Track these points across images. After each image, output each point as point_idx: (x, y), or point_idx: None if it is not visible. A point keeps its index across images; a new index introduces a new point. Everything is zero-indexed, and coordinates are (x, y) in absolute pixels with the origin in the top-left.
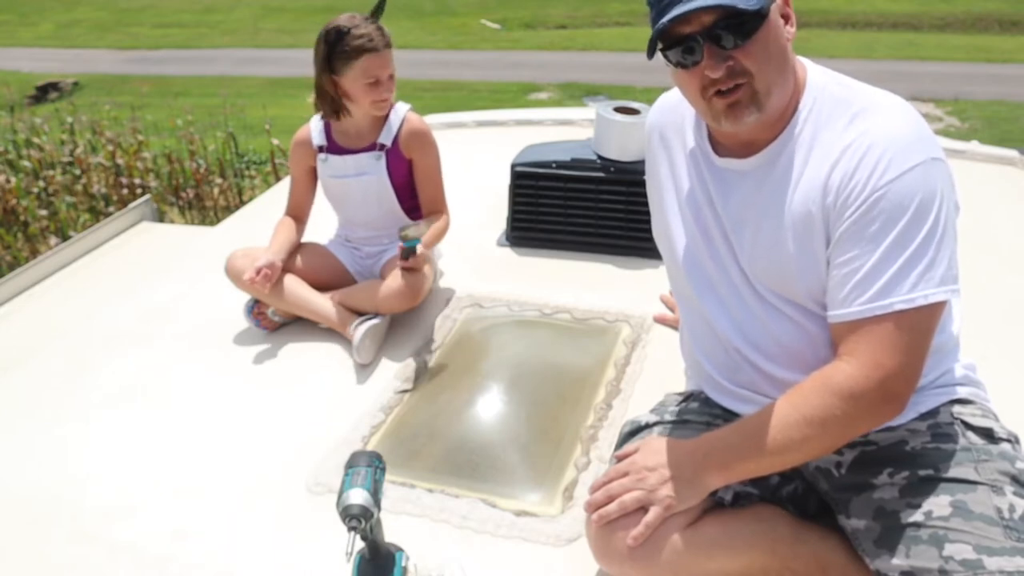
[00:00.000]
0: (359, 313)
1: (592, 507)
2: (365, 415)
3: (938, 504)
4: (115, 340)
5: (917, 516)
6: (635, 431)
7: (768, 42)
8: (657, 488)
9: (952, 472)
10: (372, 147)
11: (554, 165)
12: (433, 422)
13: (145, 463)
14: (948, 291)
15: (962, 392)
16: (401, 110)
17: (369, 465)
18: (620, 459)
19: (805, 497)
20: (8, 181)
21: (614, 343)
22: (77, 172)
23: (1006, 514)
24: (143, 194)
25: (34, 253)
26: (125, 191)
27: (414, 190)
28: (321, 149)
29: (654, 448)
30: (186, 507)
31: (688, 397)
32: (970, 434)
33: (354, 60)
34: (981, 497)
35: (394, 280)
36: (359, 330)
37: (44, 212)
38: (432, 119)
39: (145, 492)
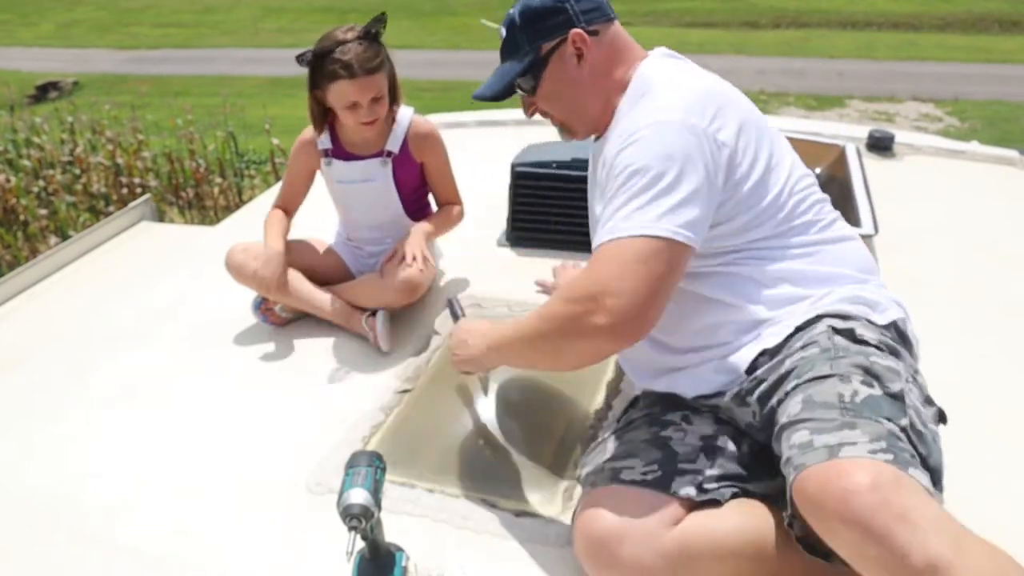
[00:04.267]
0: (361, 309)
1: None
2: (365, 415)
3: (793, 403)
4: (115, 340)
5: (783, 420)
6: (595, 447)
7: (552, 90)
8: (456, 349)
9: (810, 373)
10: (379, 154)
11: (554, 165)
12: (433, 422)
13: (145, 463)
14: (675, 233)
15: (850, 309)
16: (406, 114)
17: (369, 465)
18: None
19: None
20: (8, 180)
21: None
22: (77, 172)
23: (847, 399)
24: (143, 194)
25: (34, 253)
26: (125, 191)
27: (420, 195)
28: (327, 153)
29: (463, 328)
30: (186, 507)
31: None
32: (837, 338)
33: (330, 83)
34: (827, 388)
35: (393, 275)
36: (379, 319)
37: (44, 212)
38: (432, 119)
39: (145, 492)
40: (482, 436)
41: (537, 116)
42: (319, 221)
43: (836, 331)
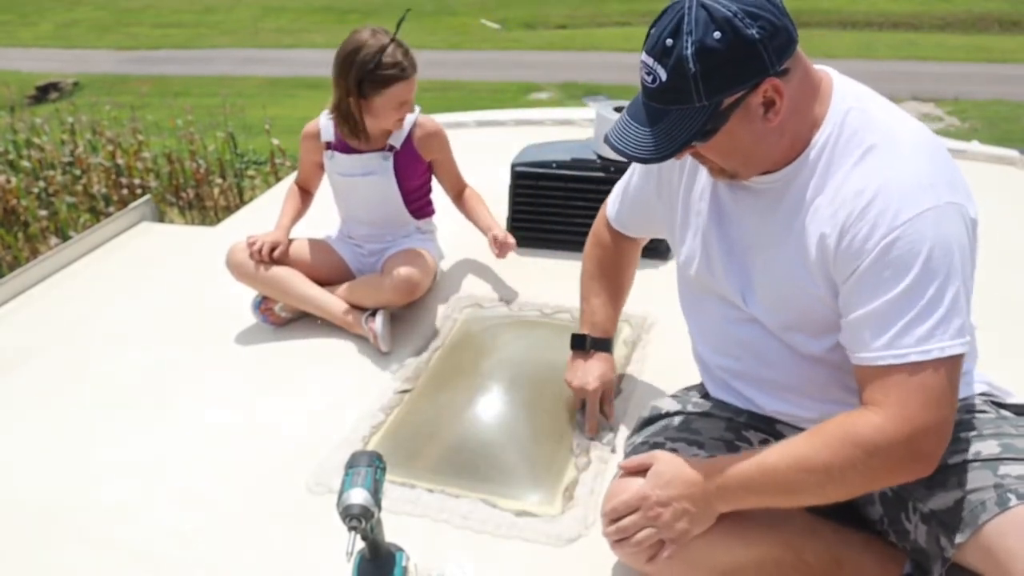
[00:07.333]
0: (361, 308)
1: (610, 537)
2: (365, 415)
3: (986, 446)
4: (115, 340)
5: (967, 456)
6: (654, 418)
7: (727, 142)
8: (671, 524)
9: (991, 430)
10: (381, 148)
11: (554, 165)
12: (433, 422)
13: (145, 463)
14: (962, 344)
15: (987, 389)
16: (411, 112)
17: (369, 465)
18: (627, 471)
19: None
20: (8, 181)
21: (614, 343)
22: (77, 172)
23: None
24: (143, 194)
25: (34, 253)
26: (125, 191)
27: (422, 193)
28: (329, 146)
29: (665, 478)
30: (187, 507)
31: None
32: (1003, 411)
33: (386, 88)
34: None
35: (394, 275)
36: (379, 320)
37: (44, 212)
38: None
39: (145, 492)
40: (482, 436)
41: (536, 115)
42: (320, 220)
43: (1000, 404)
